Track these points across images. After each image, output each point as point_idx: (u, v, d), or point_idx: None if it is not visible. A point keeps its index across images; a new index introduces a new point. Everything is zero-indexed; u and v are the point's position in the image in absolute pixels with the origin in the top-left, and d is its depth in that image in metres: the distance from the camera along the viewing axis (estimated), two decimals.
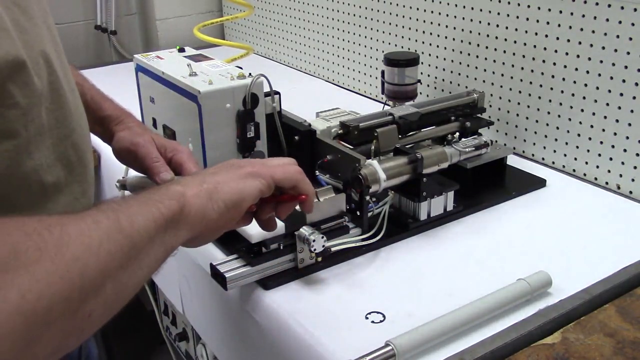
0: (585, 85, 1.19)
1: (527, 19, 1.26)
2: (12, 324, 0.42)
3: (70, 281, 0.47)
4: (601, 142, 1.19)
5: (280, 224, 0.89)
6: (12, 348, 0.42)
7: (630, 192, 1.16)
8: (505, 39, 1.32)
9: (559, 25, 1.21)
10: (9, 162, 0.64)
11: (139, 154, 0.86)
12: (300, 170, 0.75)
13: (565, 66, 1.22)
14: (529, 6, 1.25)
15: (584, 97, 1.20)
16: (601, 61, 1.15)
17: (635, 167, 1.15)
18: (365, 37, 1.70)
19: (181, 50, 1.15)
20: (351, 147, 1.08)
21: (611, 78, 1.15)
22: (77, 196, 0.75)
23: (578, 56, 1.19)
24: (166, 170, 0.84)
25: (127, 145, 0.88)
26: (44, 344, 0.45)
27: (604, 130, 1.18)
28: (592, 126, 1.20)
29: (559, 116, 1.26)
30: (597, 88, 1.17)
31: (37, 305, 0.44)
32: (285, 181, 0.73)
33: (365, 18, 1.68)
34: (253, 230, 0.87)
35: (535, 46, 1.26)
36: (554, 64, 1.24)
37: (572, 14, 1.18)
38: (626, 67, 1.12)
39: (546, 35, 1.24)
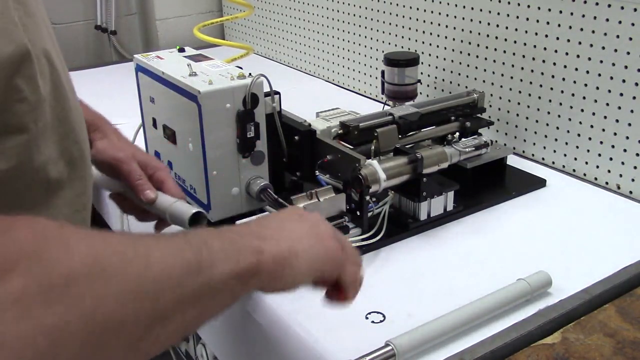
0: (585, 85, 1.19)
1: (527, 19, 1.26)
2: (78, 334, 0.40)
3: (144, 302, 0.45)
4: (601, 142, 1.19)
5: None
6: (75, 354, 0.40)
7: (630, 192, 1.16)
8: (505, 39, 1.32)
9: (559, 25, 1.21)
10: (21, 157, 0.64)
11: (122, 170, 0.90)
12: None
13: (565, 66, 1.22)
14: (529, 6, 1.25)
15: (584, 97, 1.20)
16: (601, 61, 1.15)
17: (635, 167, 1.15)
18: (365, 37, 1.70)
19: (181, 50, 1.15)
20: (351, 147, 1.08)
21: (611, 78, 1.15)
22: (79, 193, 0.75)
23: (578, 56, 1.19)
24: (150, 189, 0.88)
25: (109, 159, 0.91)
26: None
27: (604, 130, 1.18)
28: (592, 126, 1.20)
29: (559, 116, 1.26)
30: (597, 88, 1.17)
31: (108, 319, 0.42)
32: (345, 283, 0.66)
33: (365, 18, 1.68)
34: None
35: (535, 46, 1.26)
36: (554, 64, 1.24)
37: (572, 14, 1.18)
38: (626, 67, 1.12)
39: (546, 35, 1.24)
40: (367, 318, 0.84)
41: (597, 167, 1.21)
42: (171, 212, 0.87)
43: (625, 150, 1.16)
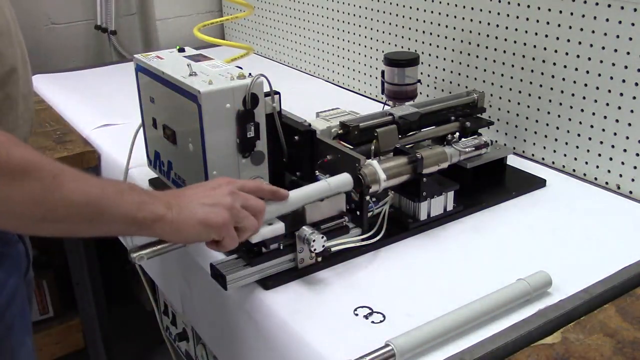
0: (585, 85, 1.19)
1: (527, 19, 1.26)
2: None
3: (42, 204, 0.68)
4: (601, 142, 1.19)
5: (280, 224, 0.89)
6: None
7: (630, 192, 1.16)
8: (505, 39, 1.32)
9: (559, 25, 1.21)
10: None
11: None
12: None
13: (565, 66, 1.22)
14: (529, 6, 1.25)
15: (584, 97, 1.20)
16: (601, 61, 1.15)
17: (635, 167, 1.15)
18: (365, 37, 1.70)
19: (181, 50, 1.15)
20: (351, 147, 1.08)
21: (611, 78, 1.15)
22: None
23: (578, 56, 1.19)
24: None
25: None
26: None
27: (604, 130, 1.18)
28: (592, 126, 1.20)
29: (559, 116, 1.26)
30: (597, 88, 1.17)
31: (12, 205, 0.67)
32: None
33: (365, 18, 1.68)
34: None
35: (535, 46, 1.26)
36: (554, 64, 1.24)
37: (572, 14, 1.18)
38: (626, 67, 1.12)
39: (546, 35, 1.24)
40: (367, 318, 0.84)
41: (597, 167, 1.21)
42: None
43: (625, 150, 1.16)
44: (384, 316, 0.84)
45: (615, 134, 1.16)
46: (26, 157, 0.68)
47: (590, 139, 1.21)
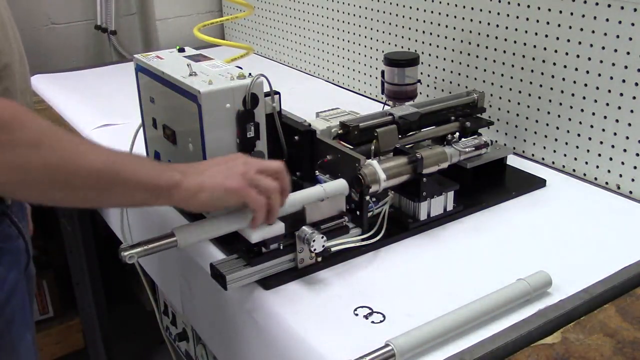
0: (585, 85, 1.19)
1: (527, 19, 1.26)
2: None
3: (61, 172, 0.71)
4: (601, 142, 1.19)
5: (280, 224, 0.89)
6: None
7: (630, 192, 1.16)
8: (505, 39, 1.32)
9: (559, 25, 1.21)
10: None
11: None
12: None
13: (565, 66, 1.22)
14: (529, 6, 1.25)
15: (584, 97, 1.20)
16: (601, 61, 1.15)
17: (635, 167, 1.15)
18: (365, 37, 1.70)
19: (181, 50, 1.15)
20: (351, 147, 1.08)
21: (611, 78, 1.15)
22: None
23: (578, 56, 1.19)
24: None
25: None
26: None
27: (604, 130, 1.18)
28: (592, 126, 1.20)
29: (559, 116, 1.26)
30: (597, 88, 1.17)
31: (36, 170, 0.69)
32: None
33: (365, 18, 1.68)
34: (253, 231, 0.87)
35: (535, 46, 1.26)
36: (554, 64, 1.24)
37: (572, 14, 1.18)
38: (626, 67, 1.12)
39: (546, 35, 1.24)
40: (367, 318, 0.84)
41: (597, 167, 1.21)
42: None
43: (625, 150, 1.16)
44: (384, 316, 0.84)
45: (615, 134, 1.16)
46: (42, 127, 0.70)
47: (590, 139, 1.21)
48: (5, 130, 0.67)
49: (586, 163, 1.23)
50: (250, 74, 1.00)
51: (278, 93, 1.04)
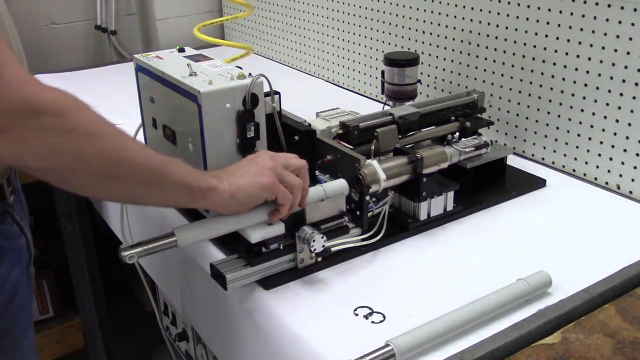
0: (585, 85, 1.19)
1: (527, 19, 1.26)
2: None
3: (110, 163, 0.73)
4: (601, 142, 1.19)
5: (280, 224, 0.89)
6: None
7: (630, 192, 1.16)
8: (505, 39, 1.32)
9: (559, 25, 1.21)
10: None
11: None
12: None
13: (565, 66, 1.22)
14: (529, 6, 1.25)
15: (584, 97, 1.20)
16: (601, 61, 1.15)
17: (635, 167, 1.15)
18: (365, 37, 1.70)
19: (181, 50, 1.15)
20: (351, 147, 1.08)
21: (611, 78, 1.15)
22: None
23: (578, 56, 1.19)
24: None
25: None
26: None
27: (604, 130, 1.18)
28: (592, 126, 1.20)
29: (559, 116, 1.26)
30: (597, 88, 1.17)
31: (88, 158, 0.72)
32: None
33: (365, 18, 1.68)
34: (253, 231, 0.87)
35: (535, 46, 1.26)
36: (554, 64, 1.24)
37: (572, 14, 1.18)
38: (626, 67, 1.12)
39: (546, 35, 1.24)
40: (367, 318, 0.84)
41: (597, 167, 1.21)
42: None
43: (625, 150, 1.16)
44: (384, 316, 0.84)
45: (615, 134, 1.16)
46: (97, 117, 0.73)
47: (590, 139, 1.21)
48: (62, 117, 0.69)
49: (586, 163, 1.23)
50: (250, 74, 1.00)
51: (278, 93, 1.04)
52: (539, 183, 1.20)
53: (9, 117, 0.65)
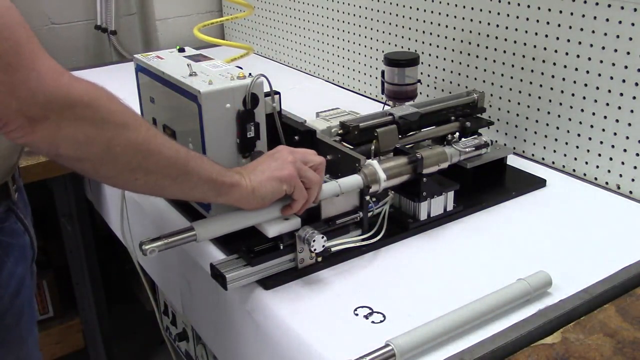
0: (585, 85, 1.19)
1: (527, 19, 1.26)
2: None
3: (139, 153, 0.74)
4: (601, 142, 1.19)
5: (296, 219, 0.89)
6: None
7: (630, 192, 1.16)
8: (505, 39, 1.32)
9: (559, 25, 1.21)
10: None
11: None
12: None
13: (565, 66, 1.22)
14: (529, 6, 1.25)
15: (584, 97, 1.20)
16: (601, 61, 1.15)
17: (635, 167, 1.15)
18: (365, 37, 1.70)
19: (181, 50, 1.15)
20: (351, 147, 1.08)
21: (611, 78, 1.15)
22: None
23: (578, 56, 1.19)
24: None
25: None
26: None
27: (604, 130, 1.18)
28: (592, 126, 1.20)
29: (559, 116, 1.26)
30: (597, 88, 1.17)
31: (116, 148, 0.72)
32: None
33: (365, 18, 1.68)
34: (270, 225, 0.88)
35: (535, 46, 1.26)
36: (554, 64, 1.24)
37: (572, 14, 1.18)
38: (626, 67, 1.12)
39: (546, 35, 1.24)
40: (367, 318, 0.84)
41: (597, 167, 1.21)
42: None
43: (625, 150, 1.16)
44: (384, 316, 0.84)
45: (615, 134, 1.16)
46: (128, 109, 0.74)
47: (590, 139, 1.21)
48: (94, 108, 0.70)
49: (586, 163, 1.23)
50: (250, 74, 1.00)
51: (278, 93, 1.04)
52: (539, 183, 1.20)
53: (44, 108, 0.66)
